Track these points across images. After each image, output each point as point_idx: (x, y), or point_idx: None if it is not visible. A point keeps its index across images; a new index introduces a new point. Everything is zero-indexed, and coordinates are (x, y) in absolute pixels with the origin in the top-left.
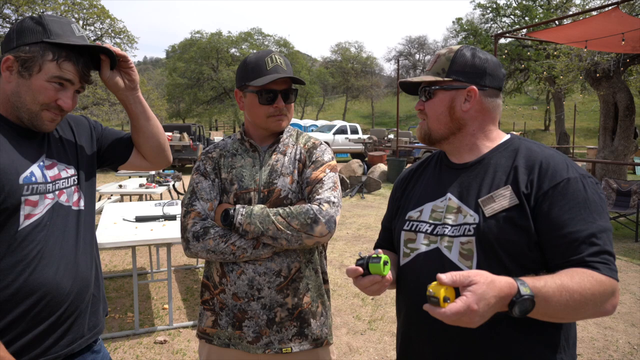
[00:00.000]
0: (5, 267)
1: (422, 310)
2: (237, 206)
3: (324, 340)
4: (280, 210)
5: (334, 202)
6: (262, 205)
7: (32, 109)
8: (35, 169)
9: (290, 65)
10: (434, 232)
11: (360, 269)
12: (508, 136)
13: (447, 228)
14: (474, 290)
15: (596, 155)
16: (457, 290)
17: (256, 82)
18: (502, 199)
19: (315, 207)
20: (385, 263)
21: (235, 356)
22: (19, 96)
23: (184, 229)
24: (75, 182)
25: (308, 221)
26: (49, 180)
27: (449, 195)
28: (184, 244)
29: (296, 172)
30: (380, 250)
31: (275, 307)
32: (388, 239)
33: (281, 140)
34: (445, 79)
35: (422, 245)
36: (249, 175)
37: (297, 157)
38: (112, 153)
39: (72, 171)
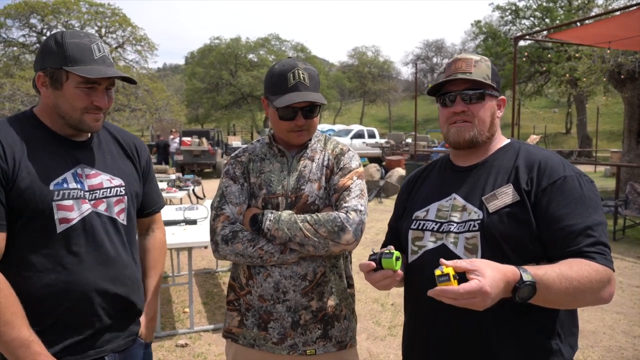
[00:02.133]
0: (44, 269)
1: (429, 303)
2: (266, 211)
3: (347, 343)
4: (308, 217)
5: (361, 210)
6: (290, 212)
7: (74, 116)
8: (68, 176)
9: (316, 76)
10: (440, 230)
11: (373, 264)
12: (508, 140)
13: (453, 225)
14: (484, 273)
15: (620, 159)
16: (459, 280)
17: (277, 102)
18: (505, 196)
19: (342, 215)
20: (397, 258)
21: (260, 357)
22: (59, 107)
23: (213, 231)
24: (121, 193)
25: (335, 229)
26: (86, 188)
27: (454, 195)
28: (213, 246)
29: (323, 178)
30: (392, 247)
31: (300, 310)
32: (394, 239)
33: (309, 146)
34: (492, 84)
35: (429, 242)
36: (277, 181)
37: (325, 163)
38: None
39: (117, 182)
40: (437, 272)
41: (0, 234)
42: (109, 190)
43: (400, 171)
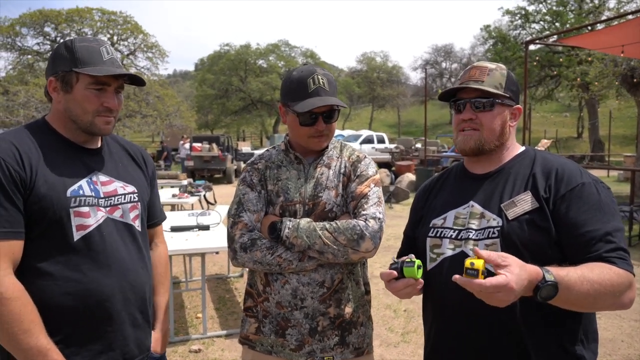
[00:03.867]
0: (61, 277)
1: (450, 310)
2: (284, 219)
3: (364, 350)
4: (327, 225)
5: (379, 218)
6: (309, 219)
7: (85, 119)
8: (84, 183)
9: (333, 82)
10: (459, 237)
11: (395, 273)
12: (523, 147)
13: (472, 232)
14: (512, 270)
15: (635, 163)
16: (486, 275)
17: (297, 107)
18: (524, 203)
19: (361, 223)
20: (419, 267)
21: None
22: (71, 111)
23: (231, 239)
24: (135, 200)
25: (355, 237)
26: (101, 195)
27: (471, 202)
28: (231, 254)
29: (341, 185)
30: (412, 255)
31: (317, 317)
32: (410, 247)
33: (325, 153)
34: (505, 94)
35: (448, 249)
36: (295, 188)
37: (342, 170)
38: None
39: (130, 188)
40: (467, 263)
41: (18, 242)
42: (123, 197)
43: (410, 176)
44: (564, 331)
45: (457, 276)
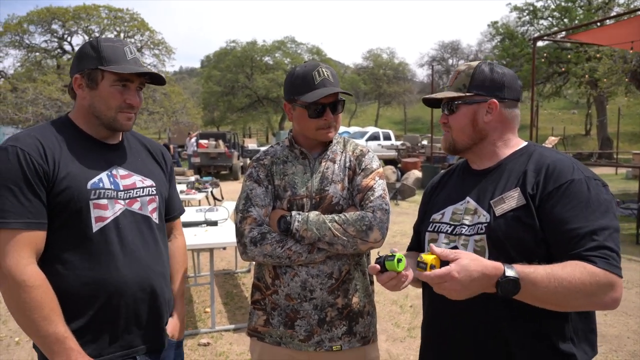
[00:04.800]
0: (81, 267)
1: (438, 305)
2: (293, 213)
3: (370, 339)
4: (336, 217)
5: (386, 209)
6: (317, 212)
7: (108, 115)
8: (104, 176)
9: (336, 75)
10: (454, 232)
11: (378, 266)
12: (525, 143)
13: (464, 228)
14: (458, 262)
15: None
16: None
17: (306, 97)
18: (511, 200)
19: (369, 214)
20: (399, 260)
21: (286, 354)
22: (95, 107)
23: (240, 234)
24: (153, 193)
25: (364, 228)
26: (120, 188)
27: (468, 198)
28: (240, 248)
29: (347, 179)
30: (396, 250)
31: (326, 308)
32: (419, 243)
33: (330, 148)
34: (467, 94)
35: (443, 244)
36: (301, 182)
37: (347, 164)
38: None
39: (149, 182)
40: (419, 258)
41: (41, 232)
42: (142, 190)
43: (416, 173)
44: (550, 329)
45: (415, 272)
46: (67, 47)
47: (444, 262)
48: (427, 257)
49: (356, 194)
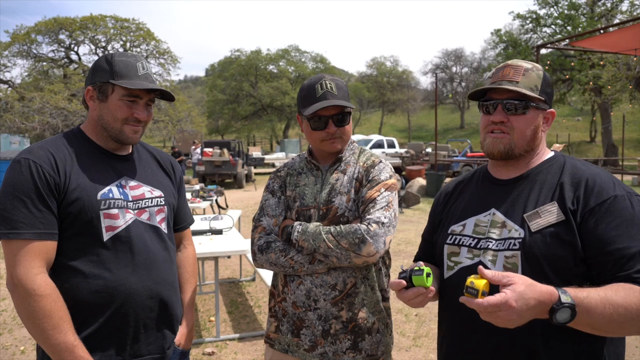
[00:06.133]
0: (91, 276)
1: (465, 324)
2: (295, 223)
3: (379, 357)
4: (332, 228)
5: (383, 223)
6: (318, 223)
7: (115, 127)
8: (113, 187)
9: (344, 87)
10: (477, 246)
11: (404, 282)
12: (552, 153)
13: (491, 242)
14: (514, 288)
15: None
16: (488, 295)
17: (306, 110)
18: (548, 215)
19: (363, 227)
20: (428, 275)
21: None
22: (103, 118)
23: (252, 242)
24: (161, 203)
25: (356, 241)
26: (130, 198)
27: (493, 210)
28: (252, 255)
29: (353, 190)
30: (422, 263)
31: (330, 319)
32: (429, 252)
33: (343, 159)
34: (541, 97)
35: (466, 258)
36: (311, 194)
37: (355, 175)
38: None
39: (157, 193)
40: (468, 282)
41: (51, 242)
42: (150, 200)
43: (420, 181)
44: (585, 353)
45: (462, 297)
46: (74, 57)
47: (493, 286)
48: (478, 282)
49: (360, 205)
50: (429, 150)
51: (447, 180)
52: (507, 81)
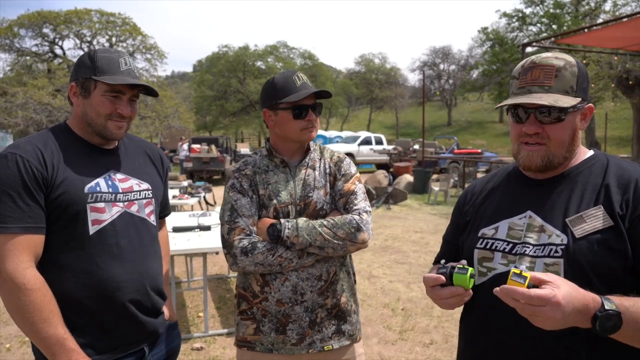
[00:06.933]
0: (78, 268)
1: (498, 332)
2: (282, 221)
3: (357, 336)
4: (325, 221)
5: (369, 211)
6: (305, 219)
7: (98, 122)
8: (100, 180)
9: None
10: (513, 252)
11: (442, 278)
12: (592, 152)
13: (529, 248)
14: (557, 285)
15: None
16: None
17: (290, 98)
18: (594, 220)
19: (356, 217)
20: (472, 276)
21: None
22: (87, 114)
23: (230, 245)
24: (149, 196)
25: (352, 230)
26: (120, 190)
27: (529, 212)
28: (230, 259)
29: (328, 185)
30: (465, 262)
31: (316, 309)
32: (451, 254)
33: (308, 155)
34: (577, 99)
35: (500, 265)
36: (285, 191)
37: (327, 171)
38: None
39: (145, 186)
40: (515, 270)
41: (39, 236)
42: (139, 193)
43: (408, 177)
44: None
45: (498, 289)
46: (58, 51)
47: (533, 287)
48: (526, 274)
49: (339, 198)
50: (416, 147)
51: (435, 176)
52: (537, 86)
